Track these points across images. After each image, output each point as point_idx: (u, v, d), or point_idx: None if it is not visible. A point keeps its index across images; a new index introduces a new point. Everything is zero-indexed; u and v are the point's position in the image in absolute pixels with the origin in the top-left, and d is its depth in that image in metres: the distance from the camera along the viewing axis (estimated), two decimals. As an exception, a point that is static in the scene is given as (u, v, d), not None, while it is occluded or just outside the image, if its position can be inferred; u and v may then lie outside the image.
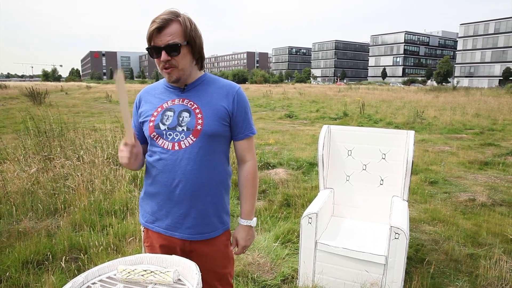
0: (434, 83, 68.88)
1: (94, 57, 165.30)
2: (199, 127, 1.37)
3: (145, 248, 1.52)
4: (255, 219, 1.59)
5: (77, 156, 4.58)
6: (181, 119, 1.39)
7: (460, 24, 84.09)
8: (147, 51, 1.38)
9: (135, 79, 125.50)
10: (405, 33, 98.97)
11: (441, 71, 71.35)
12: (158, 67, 1.40)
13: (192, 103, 1.41)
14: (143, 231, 1.52)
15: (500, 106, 18.05)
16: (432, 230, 3.67)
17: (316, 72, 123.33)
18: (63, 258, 2.67)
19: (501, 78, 71.99)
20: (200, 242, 1.45)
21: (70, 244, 2.93)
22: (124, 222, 3.39)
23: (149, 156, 1.46)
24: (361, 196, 3.01)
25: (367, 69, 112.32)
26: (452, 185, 5.28)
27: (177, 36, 1.32)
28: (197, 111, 1.40)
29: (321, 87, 50.16)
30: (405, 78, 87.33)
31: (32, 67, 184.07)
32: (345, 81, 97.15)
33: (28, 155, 4.94)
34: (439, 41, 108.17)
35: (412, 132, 2.81)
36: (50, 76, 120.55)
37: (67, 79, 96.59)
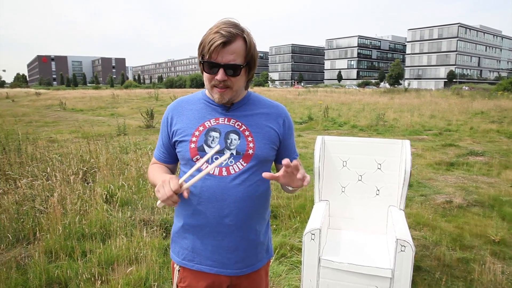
0: (387, 85, 72.33)
1: (42, 62, 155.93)
2: (250, 151, 1.25)
3: None
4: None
5: (46, 174, 4.16)
6: (229, 141, 1.25)
7: (408, 29, 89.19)
8: (199, 63, 1.21)
9: (88, 84, 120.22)
10: (358, 37, 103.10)
11: (393, 74, 75.03)
12: (206, 83, 1.24)
13: (240, 124, 1.27)
14: (178, 270, 1.34)
15: (450, 107, 19.22)
16: (419, 235, 3.73)
17: (274, 75, 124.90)
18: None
19: (446, 80, 77.09)
20: (245, 276, 1.32)
21: (47, 278, 2.61)
22: (106, 246, 3.11)
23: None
24: (357, 207, 2.97)
25: (323, 72, 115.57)
26: (426, 187, 5.45)
27: (240, 56, 1.18)
28: (247, 133, 1.26)
29: (280, 90, 50.83)
30: (360, 81, 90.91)
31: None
32: (302, 84, 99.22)
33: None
34: (389, 45, 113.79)
35: (407, 142, 2.82)
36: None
37: (12, 85, 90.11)
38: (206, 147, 1.25)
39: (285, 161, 1.09)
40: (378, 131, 11.42)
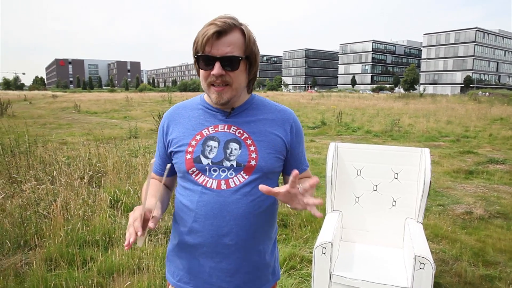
0: (402, 90, 71.26)
1: (59, 65, 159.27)
2: (253, 162, 1.11)
3: None
4: None
5: (50, 178, 4.09)
6: (228, 151, 1.11)
7: (424, 34, 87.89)
8: (194, 58, 1.08)
9: (104, 87, 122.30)
10: (373, 42, 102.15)
11: (408, 79, 73.89)
12: (203, 82, 1.11)
13: (242, 132, 1.14)
14: None
15: (468, 113, 18.73)
16: (438, 248, 3.51)
17: (287, 80, 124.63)
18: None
19: (463, 85, 75.57)
20: None
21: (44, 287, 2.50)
22: (108, 254, 2.99)
23: (183, 195, 1.15)
24: (372, 219, 2.79)
25: (337, 76, 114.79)
26: (444, 196, 5.20)
27: (237, 48, 1.05)
28: (249, 142, 1.12)
29: (293, 94, 50.62)
30: (374, 86, 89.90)
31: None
32: (316, 88, 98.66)
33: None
34: (404, 50, 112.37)
35: (427, 150, 2.63)
36: (12, 84, 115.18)
37: (31, 88, 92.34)
38: (202, 158, 1.12)
39: (294, 172, 0.95)
40: (392, 136, 11.14)
